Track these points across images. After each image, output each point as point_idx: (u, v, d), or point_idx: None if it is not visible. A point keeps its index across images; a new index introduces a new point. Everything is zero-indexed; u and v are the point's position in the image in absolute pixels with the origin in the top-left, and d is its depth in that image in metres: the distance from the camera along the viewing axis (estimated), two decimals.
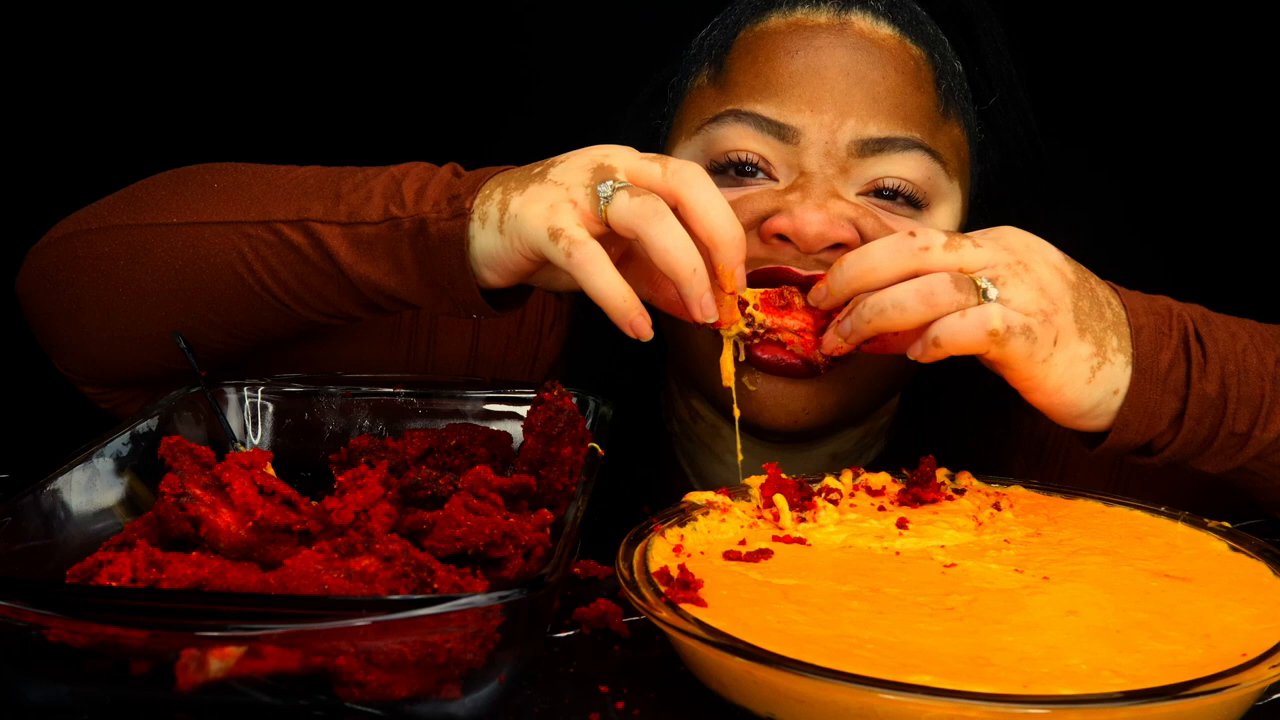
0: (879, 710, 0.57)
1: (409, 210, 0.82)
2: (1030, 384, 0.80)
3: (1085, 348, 0.79)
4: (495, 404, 0.90)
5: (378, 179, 0.86)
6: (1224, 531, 0.77)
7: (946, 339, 0.77)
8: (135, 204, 0.91)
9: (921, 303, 0.77)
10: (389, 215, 0.83)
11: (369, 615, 0.55)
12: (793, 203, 0.88)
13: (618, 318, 0.77)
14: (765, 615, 0.65)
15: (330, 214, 0.85)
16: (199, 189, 0.90)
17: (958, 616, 0.66)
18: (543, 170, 0.80)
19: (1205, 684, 0.57)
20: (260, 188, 0.88)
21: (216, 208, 0.88)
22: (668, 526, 0.75)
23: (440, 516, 0.66)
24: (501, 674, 0.59)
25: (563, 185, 0.78)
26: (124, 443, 0.77)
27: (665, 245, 0.76)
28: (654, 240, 0.76)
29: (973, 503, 0.82)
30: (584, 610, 0.71)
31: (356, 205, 0.85)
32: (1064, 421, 0.82)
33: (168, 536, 0.66)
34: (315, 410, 0.91)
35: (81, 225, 0.92)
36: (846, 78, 0.89)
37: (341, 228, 0.84)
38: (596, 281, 0.76)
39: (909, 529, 0.78)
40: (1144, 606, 0.67)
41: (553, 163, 0.81)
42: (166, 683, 0.57)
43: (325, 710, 0.58)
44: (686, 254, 0.76)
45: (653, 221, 0.76)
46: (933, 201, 0.91)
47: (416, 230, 0.82)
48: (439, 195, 0.82)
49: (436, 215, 0.81)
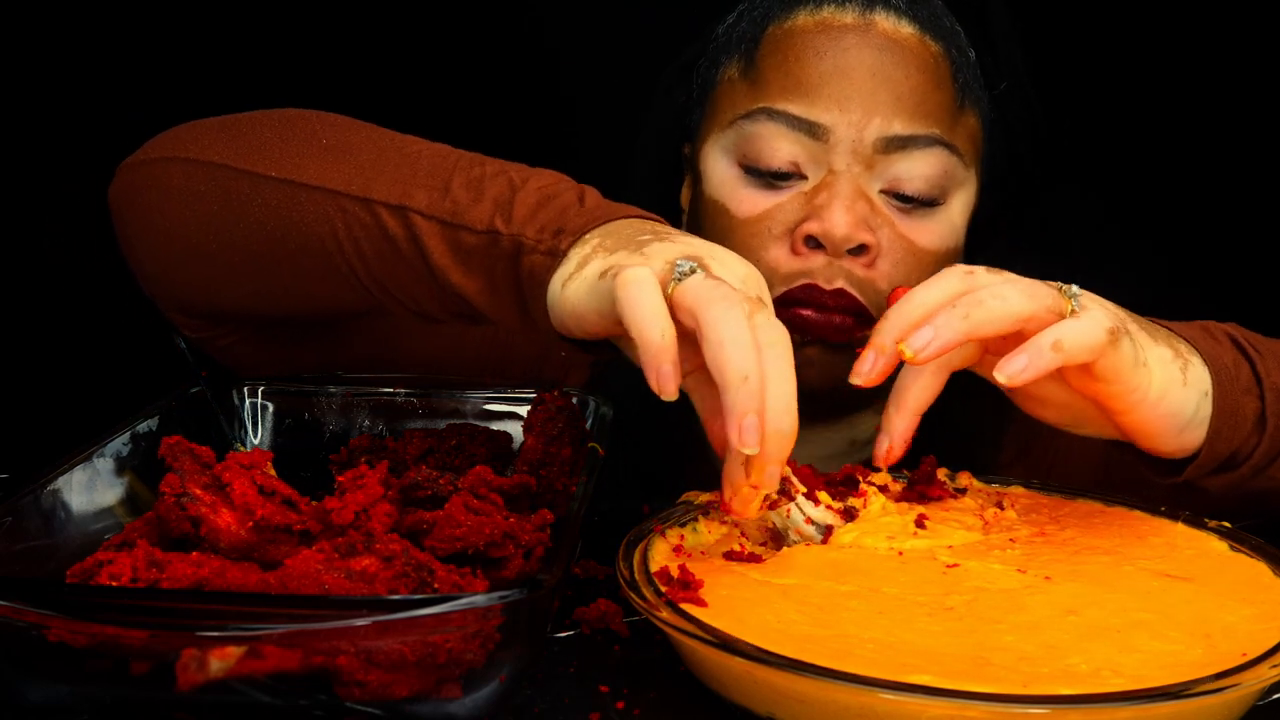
0: (879, 710, 0.57)
1: (514, 228, 0.75)
2: (1135, 396, 0.73)
3: (1165, 350, 0.76)
4: (495, 404, 0.90)
5: (496, 180, 0.79)
6: (1224, 531, 0.77)
7: (1071, 340, 0.69)
8: (238, 141, 0.85)
9: (1023, 294, 0.70)
10: (492, 227, 0.76)
11: (369, 615, 0.55)
12: (821, 206, 0.92)
13: (648, 356, 0.65)
14: (765, 615, 0.65)
15: (434, 208, 0.78)
16: (305, 142, 0.84)
17: (957, 616, 0.66)
18: (644, 242, 0.71)
19: (1205, 684, 0.57)
20: (369, 155, 0.82)
21: (320, 168, 0.82)
22: (668, 526, 0.75)
23: (440, 516, 0.66)
24: (501, 674, 0.59)
25: (648, 255, 0.70)
26: (124, 443, 0.77)
27: (722, 336, 0.63)
28: (712, 325, 0.64)
29: (976, 502, 0.82)
30: (584, 610, 0.71)
31: (464, 204, 0.77)
32: (1164, 443, 0.76)
33: (168, 536, 0.66)
34: (315, 410, 0.91)
35: (180, 150, 0.87)
36: (873, 78, 0.93)
37: (442, 226, 0.77)
38: (638, 304, 0.65)
39: (926, 528, 0.77)
40: (1144, 606, 0.67)
41: (662, 237, 0.72)
42: (166, 683, 0.57)
43: (325, 710, 0.58)
44: (743, 352, 0.63)
45: (719, 306, 0.64)
46: (950, 194, 0.96)
47: (514, 252, 0.75)
48: (549, 221, 0.75)
49: (535, 243, 0.74)
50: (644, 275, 0.66)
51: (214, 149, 0.86)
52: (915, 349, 0.70)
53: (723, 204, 0.97)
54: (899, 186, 0.94)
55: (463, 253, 0.78)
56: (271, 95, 0.93)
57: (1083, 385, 0.74)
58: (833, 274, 0.93)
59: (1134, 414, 0.74)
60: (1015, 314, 0.70)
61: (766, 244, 0.94)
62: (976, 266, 0.73)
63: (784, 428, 0.65)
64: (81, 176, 1.09)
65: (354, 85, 1.44)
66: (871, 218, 0.93)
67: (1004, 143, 1.02)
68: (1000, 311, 0.69)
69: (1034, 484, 0.85)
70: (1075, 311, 0.71)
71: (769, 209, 0.94)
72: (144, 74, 1.45)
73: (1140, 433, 0.76)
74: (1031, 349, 0.69)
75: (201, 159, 0.86)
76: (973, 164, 0.98)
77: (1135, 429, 0.75)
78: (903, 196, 0.94)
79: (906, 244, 0.94)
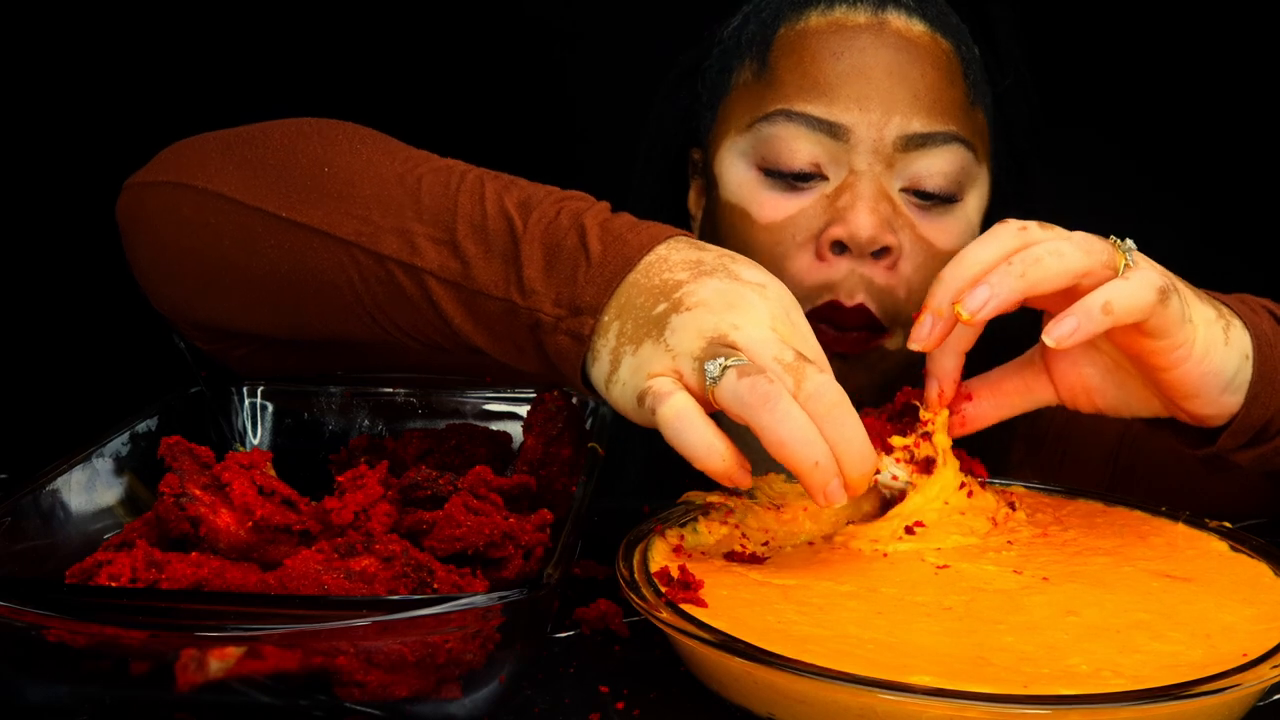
0: (879, 710, 0.57)
1: (529, 301, 0.74)
2: (1180, 352, 0.73)
3: (1209, 309, 0.76)
4: (495, 404, 0.90)
5: (499, 225, 0.77)
6: (1224, 531, 0.77)
7: (1122, 302, 0.69)
8: (244, 170, 0.84)
9: (1079, 249, 0.70)
10: (508, 298, 0.75)
11: (369, 615, 0.55)
12: (845, 208, 0.93)
13: (718, 478, 0.67)
14: (765, 615, 0.65)
15: (446, 270, 0.76)
16: (309, 173, 0.82)
17: (956, 617, 0.66)
18: (662, 318, 0.70)
19: (1206, 684, 0.57)
20: (371, 192, 0.80)
21: (325, 211, 0.80)
22: (668, 526, 0.75)
23: (440, 516, 0.66)
24: (501, 674, 0.59)
25: (672, 353, 0.69)
26: (124, 443, 0.77)
27: (780, 438, 0.65)
28: (767, 432, 0.65)
29: (994, 501, 0.81)
30: (584, 610, 0.71)
31: (476, 265, 0.76)
32: (1204, 404, 0.76)
33: (168, 536, 0.66)
34: (315, 410, 0.91)
35: (187, 176, 0.85)
36: (890, 77, 0.94)
37: (458, 291, 0.76)
38: (688, 439, 0.66)
39: (915, 534, 0.77)
40: (1144, 606, 0.67)
41: (678, 305, 0.70)
42: (166, 683, 0.57)
43: (325, 710, 0.58)
44: (806, 447, 0.65)
45: (763, 411, 0.65)
46: (966, 190, 0.97)
47: (534, 324, 0.75)
48: (563, 293, 0.74)
49: (554, 321, 0.74)
50: (680, 408, 0.67)
51: (221, 177, 0.84)
52: (971, 309, 0.70)
53: (743, 208, 0.96)
54: (919, 184, 0.95)
55: (484, 319, 0.77)
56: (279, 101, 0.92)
57: (1128, 341, 0.74)
58: (854, 286, 0.93)
59: (1176, 370, 0.74)
60: (1072, 270, 0.69)
61: (790, 252, 0.94)
62: (1029, 222, 0.73)
63: (865, 471, 0.68)
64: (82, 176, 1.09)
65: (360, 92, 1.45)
66: (894, 219, 0.94)
67: (1006, 139, 1.03)
68: (1057, 269, 0.69)
69: (1034, 485, 0.85)
70: (1128, 267, 0.70)
71: (792, 214, 0.94)
72: (147, 72, 1.46)
73: (1181, 391, 0.75)
74: (1081, 311, 0.69)
75: (211, 189, 0.84)
76: (984, 159, 0.99)
77: (1176, 386, 0.75)
78: (923, 194, 0.95)
79: (926, 246, 0.95)
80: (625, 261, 0.73)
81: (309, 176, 0.82)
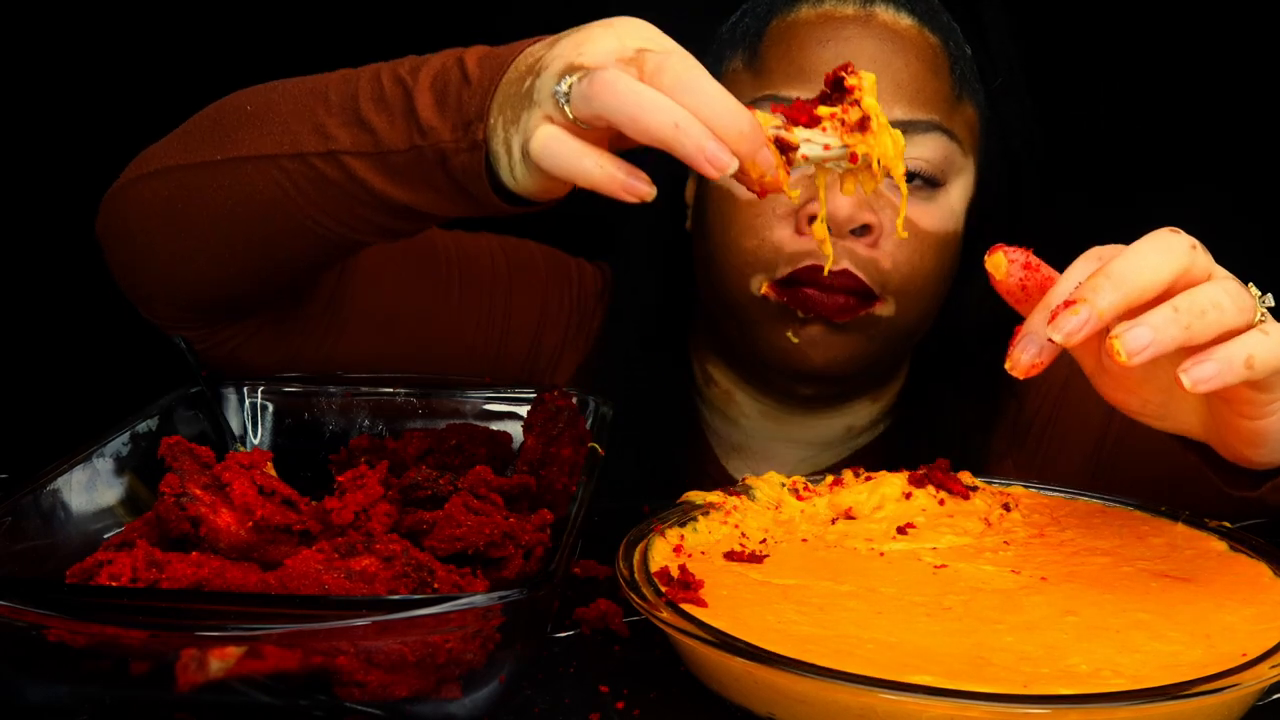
0: (879, 710, 0.57)
1: (429, 139, 0.77)
2: (1274, 405, 0.68)
3: None
4: (495, 404, 0.90)
5: (395, 90, 0.80)
6: (1224, 532, 0.77)
7: (1264, 360, 0.64)
8: (186, 140, 0.89)
9: (1235, 305, 0.65)
10: (412, 144, 0.78)
11: (369, 615, 0.55)
12: None
13: (611, 190, 0.67)
14: (765, 615, 0.65)
15: (358, 143, 0.80)
16: (236, 117, 0.87)
17: (956, 616, 0.66)
18: (529, 88, 0.72)
19: (1205, 684, 0.57)
20: (287, 108, 0.85)
21: (252, 138, 0.85)
22: (668, 526, 0.75)
23: (440, 516, 0.66)
24: (501, 674, 0.59)
25: (539, 104, 0.70)
26: (124, 443, 0.77)
27: (630, 115, 0.65)
28: (618, 115, 0.65)
29: (984, 504, 0.81)
30: (584, 610, 0.71)
31: (381, 130, 0.80)
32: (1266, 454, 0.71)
33: (168, 536, 0.66)
34: (315, 410, 0.91)
35: (143, 168, 0.91)
36: (873, 65, 0.96)
37: (371, 159, 0.80)
38: (559, 157, 0.68)
39: (908, 535, 0.77)
40: (1144, 606, 0.67)
41: (538, 72, 0.72)
42: (166, 683, 0.57)
43: (325, 710, 0.58)
44: (658, 113, 0.65)
45: (609, 97, 0.65)
46: (949, 178, 0.99)
47: (440, 159, 0.77)
48: (454, 118, 0.77)
49: (455, 146, 0.76)
50: (545, 134, 0.68)
51: (170, 154, 0.89)
52: (1130, 350, 0.63)
53: (727, 188, 0.98)
54: None
55: (398, 173, 0.80)
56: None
57: (1227, 402, 0.70)
58: (836, 254, 0.94)
59: (1261, 421, 0.69)
60: (1226, 329, 0.65)
61: (771, 223, 0.96)
62: (1195, 241, 0.67)
63: (739, 127, 0.66)
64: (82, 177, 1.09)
65: None
66: (874, 199, 0.95)
67: (1000, 140, 1.04)
68: (1216, 325, 0.64)
69: (1034, 485, 0.85)
70: (1262, 321, 0.66)
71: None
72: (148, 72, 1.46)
73: (1249, 439, 0.71)
74: (1223, 360, 0.64)
75: (162, 167, 0.89)
76: (971, 153, 1.01)
77: (1247, 433, 0.70)
78: (905, 173, 0.94)
79: (908, 225, 0.96)
80: (499, 68, 0.76)
81: (235, 118, 0.87)
